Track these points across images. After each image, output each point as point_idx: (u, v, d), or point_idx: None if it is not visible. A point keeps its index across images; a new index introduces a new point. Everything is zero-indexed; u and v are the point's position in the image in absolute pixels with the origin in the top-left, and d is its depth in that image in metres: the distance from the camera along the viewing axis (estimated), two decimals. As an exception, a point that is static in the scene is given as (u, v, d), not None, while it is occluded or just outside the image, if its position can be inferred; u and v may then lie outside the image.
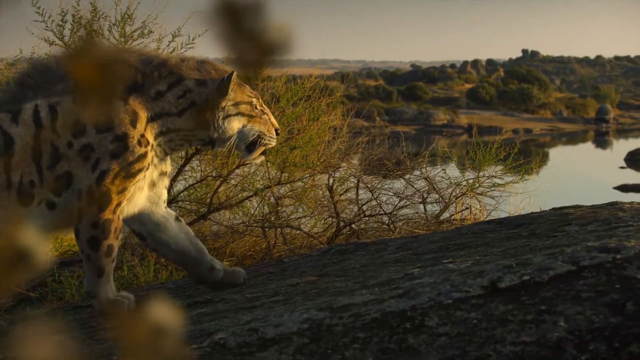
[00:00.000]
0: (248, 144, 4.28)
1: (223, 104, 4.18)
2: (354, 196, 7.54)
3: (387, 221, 7.36)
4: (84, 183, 3.93)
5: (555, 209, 4.78)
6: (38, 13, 6.99)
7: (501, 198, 7.66)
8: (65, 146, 3.92)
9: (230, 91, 4.17)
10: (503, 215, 7.13)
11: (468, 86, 66.34)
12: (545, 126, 55.54)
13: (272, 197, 7.23)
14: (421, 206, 7.61)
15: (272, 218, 7.16)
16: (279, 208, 7.24)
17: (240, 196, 7.22)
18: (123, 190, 3.98)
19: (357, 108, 12.32)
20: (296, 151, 6.96)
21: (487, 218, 7.10)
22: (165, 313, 1.27)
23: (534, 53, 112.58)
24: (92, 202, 3.93)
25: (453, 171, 7.95)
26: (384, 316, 2.76)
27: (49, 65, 4.13)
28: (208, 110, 4.16)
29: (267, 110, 4.40)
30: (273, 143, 4.41)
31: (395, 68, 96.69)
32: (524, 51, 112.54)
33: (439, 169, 7.86)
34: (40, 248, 1.19)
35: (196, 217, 6.95)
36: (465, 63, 79.99)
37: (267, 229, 7.08)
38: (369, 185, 7.53)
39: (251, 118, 4.26)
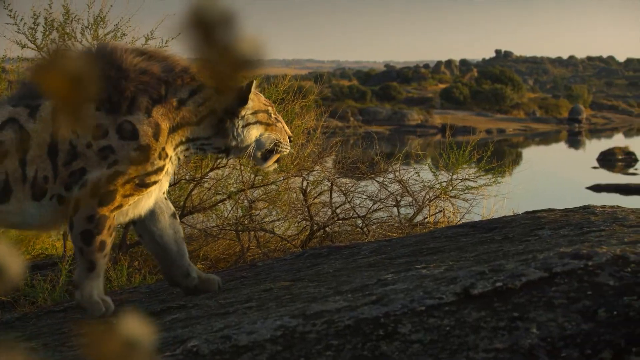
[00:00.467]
0: (264, 152, 4.32)
1: (242, 113, 4.21)
2: (328, 199, 7.54)
3: (361, 224, 7.36)
4: (94, 174, 3.92)
5: (528, 213, 4.80)
6: (10, 16, 6.94)
7: (474, 201, 7.69)
8: (84, 145, 3.93)
9: (249, 100, 4.20)
10: (476, 218, 7.16)
11: (442, 86, 66.53)
12: (518, 126, 55.77)
13: (246, 201, 7.22)
14: (395, 209, 7.62)
15: (246, 221, 7.15)
16: (253, 211, 7.23)
17: (213, 199, 7.21)
18: (130, 195, 3.98)
19: (332, 109, 12.33)
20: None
21: (461, 221, 7.12)
22: (136, 327, 1.26)
23: (507, 53, 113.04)
24: (95, 195, 3.93)
25: (427, 173, 7.97)
26: (357, 323, 2.76)
27: None
28: (227, 119, 4.18)
29: (281, 118, 4.46)
30: (287, 151, 4.45)
31: (369, 68, 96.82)
32: (498, 51, 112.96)
33: (413, 172, 7.87)
34: (14, 259, 1.19)
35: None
36: (439, 63, 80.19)
37: (241, 232, 7.08)
38: (343, 188, 7.53)
39: (268, 126, 4.30)
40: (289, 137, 4.43)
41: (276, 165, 4.53)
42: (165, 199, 4.30)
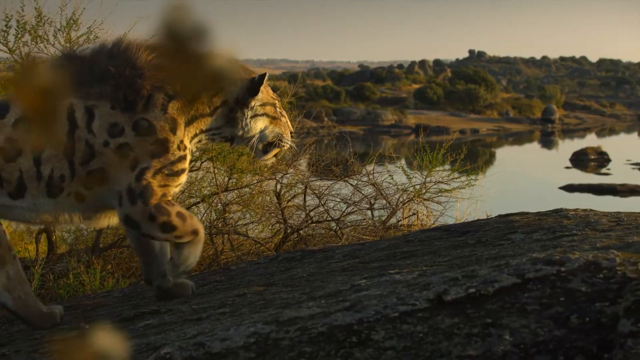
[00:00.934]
0: (265, 145, 4.39)
1: (252, 104, 4.28)
2: (302, 202, 7.54)
3: (335, 227, 7.36)
4: (123, 183, 3.94)
5: (501, 216, 4.82)
6: (-19, 18, 6.89)
7: (448, 204, 7.70)
8: (100, 144, 3.93)
9: (259, 92, 4.26)
10: (450, 220, 7.18)
11: (416, 86, 66.79)
12: (492, 126, 56.06)
13: (220, 204, 7.21)
14: (369, 212, 7.63)
15: (220, 224, 7.14)
16: (227, 214, 7.22)
17: (187, 202, 7.19)
18: (166, 186, 3.99)
19: (306, 109, 12.33)
20: (244, 157, 6.95)
21: (434, 224, 7.13)
22: (108, 336, 1.26)
23: (481, 53, 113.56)
24: (135, 200, 3.93)
25: (400, 176, 7.98)
26: (331, 330, 2.75)
27: (88, 65, 4.08)
28: (237, 109, 4.24)
29: (285, 113, 4.52)
30: (288, 145, 4.50)
31: (343, 68, 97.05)
32: (471, 52, 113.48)
33: (387, 174, 7.87)
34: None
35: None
36: (412, 63, 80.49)
37: (215, 236, 7.06)
38: (317, 191, 7.53)
39: (273, 120, 4.37)
40: (291, 133, 4.49)
41: (274, 159, 4.56)
42: None
